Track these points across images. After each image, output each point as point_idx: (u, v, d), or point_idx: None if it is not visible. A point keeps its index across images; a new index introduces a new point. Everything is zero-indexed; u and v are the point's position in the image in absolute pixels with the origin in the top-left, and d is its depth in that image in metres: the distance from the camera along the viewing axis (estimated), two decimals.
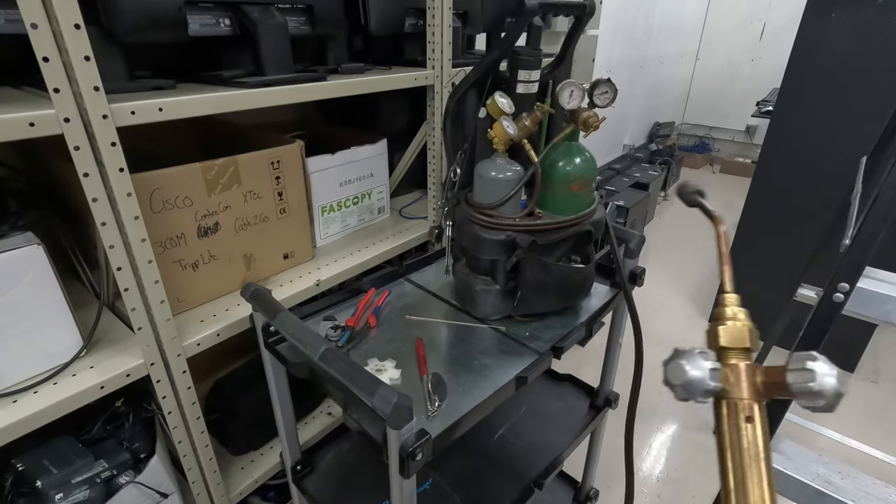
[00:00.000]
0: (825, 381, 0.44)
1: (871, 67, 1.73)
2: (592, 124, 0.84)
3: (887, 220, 0.61)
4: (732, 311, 0.53)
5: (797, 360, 0.47)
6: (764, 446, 0.46)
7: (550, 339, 0.94)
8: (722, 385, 0.48)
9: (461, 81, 0.92)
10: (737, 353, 0.51)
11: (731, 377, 0.49)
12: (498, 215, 0.91)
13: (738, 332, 0.52)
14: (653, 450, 1.79)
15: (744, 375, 0.48)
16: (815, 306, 0.67)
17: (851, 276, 0.63)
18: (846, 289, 0.64)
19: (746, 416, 0.47)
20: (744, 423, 0.47)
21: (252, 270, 1.02)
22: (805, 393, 0.45)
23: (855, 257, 0.63)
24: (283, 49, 0.86)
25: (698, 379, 0.48)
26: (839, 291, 0.64)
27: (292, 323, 0.73)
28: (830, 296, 0.64)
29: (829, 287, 0.64)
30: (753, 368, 0.49)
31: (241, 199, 0.95)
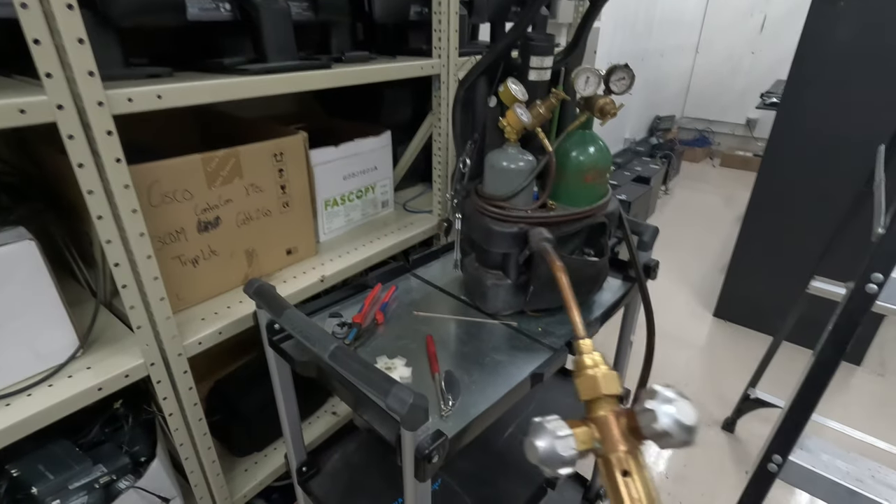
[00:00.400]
0: (665, 421, 0.42)
1: (880, 55, 1.70)
2: (609, 111, 0.81)
3: None
4: (592, 359, 0.51)
5: (642, 398, 0.45)
6: (648, 498, 0.43)
7: (564, 334, 0.91)
8: (590, 446, 0.46)
9: (472, 68, 0.88)
10: (603, 402, 0.48)
11: (599, 432, 0.46)
12: (510, 207, 0.87)
13: (596, 383, 0.49)
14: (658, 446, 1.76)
15: (612, 427, 0.46)
16: (845, 298, 0.64)
17: (886, 266, 0.60)
18: (880, 280, 0.61)
19: (623, 470, 0.44)
20: (621, 479, 0.44)
21: (254, 266, 0.98)
22: (655, 436, 0.43)
23: (890, 246, 0.60)
24: (286, 35, 0.83)
25: (550, 452, 0.45)
26: (872, 282, 0.61)
27: (300, 320, 0.70)
28: (863, 287, 0.62)
29: (861, 278, 0.62)
30: (618, 416, 0.47)
31: (243, 192, 0.91)
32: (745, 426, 1.82)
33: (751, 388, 1.67)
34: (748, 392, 1.68)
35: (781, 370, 1.84)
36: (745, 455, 1.73)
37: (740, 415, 1.75)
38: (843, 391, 2.03)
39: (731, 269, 2.35)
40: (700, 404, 1.95)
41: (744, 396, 1.70)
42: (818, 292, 1.32)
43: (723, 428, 1.82)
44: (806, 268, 1.38)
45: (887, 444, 1.48)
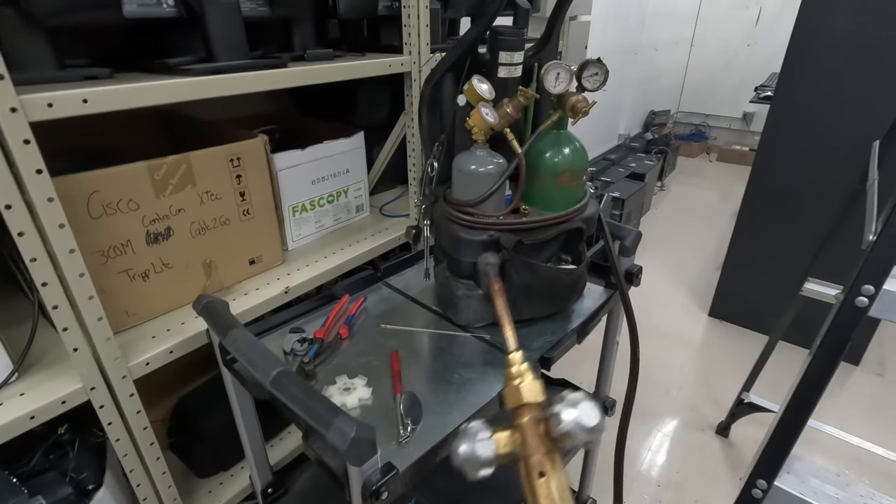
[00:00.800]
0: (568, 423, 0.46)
1: (875, 47, 1.65)
2: (581, 110, 0.75)
3: None
4: (518, 370, 0.55)
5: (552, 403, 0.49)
6: (561, 498, 0.47)
7: (540, 347, 0.85)
8: (510, 449, 0.49)
9: (437, 65, 0.83)
10: (526, 409, 0.52)
11: (520, 437, 0.50)
12: (479, 213, 0.82)
13: (520, 392, 0.52)
14: (653, 451, 1.72)
15: (531, 432, 0.49)
16: (835, 310, 0.59)
17: (877, 277, 0.55)
18: (871, 292, 0.56)
19: (539, 472, 0.48)
20: (537, 480, 0.48)
21: (214, 278, 0.93)
22: (562, 437, 0.47)
23: (881, 256, 0.55)
24: (236, 32, 0.77)
25: (469, 455, 0.49)
26: (863, 294, 0.56)
27: (245, 341, 0.65)
28: (853, 299, 0.56)
29: (850, 289, 0.57)
30: (537, 422, 0.50)
31: (197, 200, 0.86)
32: (739, 430, 1.77)
33: (745, 392, 1.62)
34: (742, 396, 1.62)
35: (778, 371, 1.79)
36: (739, 461, 1.68)
37: (734, 419, 1.71)
38: (841, 392, 1.98)
39: (726, 268, 2.30)
40: (694, 408, 1.90)
41: (738, 401, 1.65)
42: (812, 294, 1.26)
43: (717, 432, 1.77)
44: (801, 266, 1.33)
45: (885, 449, 1.43)
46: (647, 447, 1.73)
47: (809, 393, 0.61)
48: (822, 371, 0.60)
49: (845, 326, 0.57)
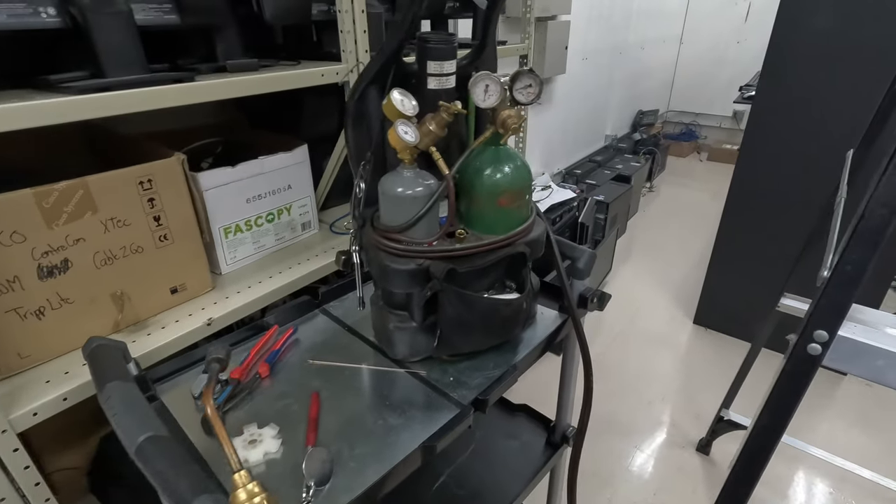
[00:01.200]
0: None
1: (858, 46, 1.57)
2: (511, 126, 0.68)
3: (877, 246, 0.45)
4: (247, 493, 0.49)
5: None
6: None
7: (478, 384, 0.78)
8: None
9: (358, 77, 0.75)
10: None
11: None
12: (407, 240, 0.74)
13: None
14: (630, 471, 1.64)
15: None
16: (784, 359, 0.51)
17: (831, 321, 0.48)
18: (824, 338, 0.48)
19: None
20: None
21: (128, 311, 0.85)
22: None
23: (835, 297, 0.47)
24: (128, 44, 0.69)
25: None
26: (815, 341, 0.49)
27: (119, 397, 0.57)
28: (804, 347, 0.49)
29: (802, 335, 0.49)
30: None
31: (100, 228, 0.78)
32: (721, 447, 1.70)
33: (724, 409, 1.55)
34: (721, 413, 1.55)
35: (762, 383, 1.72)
36: (719, 479, 1.59)
37: (715, 436, 1.63)
38: (828, 405, 1.90)
39: (710, 275, 2.22)
40: (675, 423, 1.82)
41: (717, 417, 1.57)
42: (788, 310, 1.19)
43: (697, 450, 1.70)
44: (783, 273, 1.25)
45: (872, 472, 1.35)
46: (623, 466, 1.66)
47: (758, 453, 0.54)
48: (773, 428, 0.52)
49: (797, 377, 0.50)
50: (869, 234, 0.45)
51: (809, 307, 0.49)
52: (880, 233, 0.44)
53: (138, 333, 0.85)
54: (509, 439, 1.14)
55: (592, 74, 3.43)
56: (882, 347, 0.46)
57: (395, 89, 0.69)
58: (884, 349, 0.46)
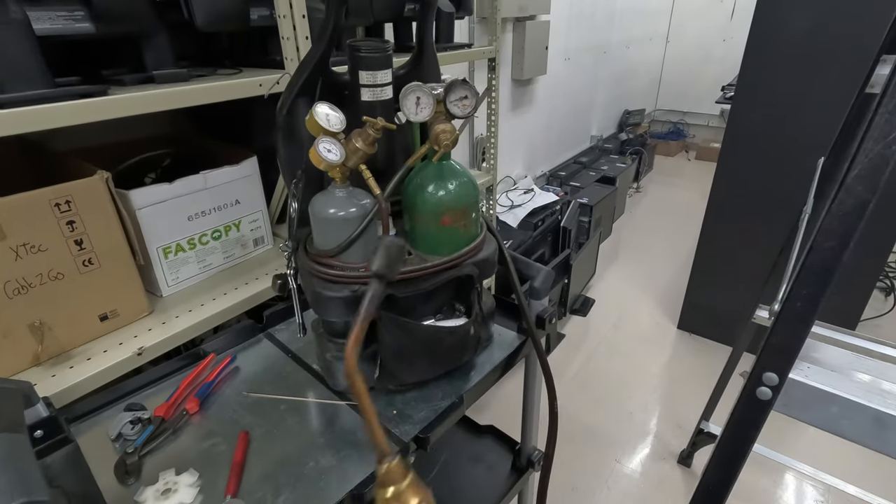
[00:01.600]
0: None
1: (833, 49, 1.53)
2: (443, 142, 0.62)
3: (828, 283, 0.40)
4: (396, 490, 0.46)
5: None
6: None
7: (423, 418, 0.72)
8: None
9: (285, 89, 0.70)
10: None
11: None
12: (342, 265, 0.69)
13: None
14: (608, 486, 1.59)
15: None
16: (733, 408, 0.46)
17: (781, 362, 0.43)
18: (774, 381, 0.43)
19: None
20: None
21: (49, 342, 0.79)
22: None
23: (785, 336, 0.42)
24: (26, 56, 0.63)
25: None
26: (765, 384, 0.43)
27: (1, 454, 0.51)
28: (753, 390, 0.44)
29: (751, 378, 0.44)
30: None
31: (10, 255, 0.72)
32: (702, 459, 1.65)
33: (704, 421, 1.50)
34: (701, 425, 1.50)
35: None
36: None
37: (696, 448, 1.59)
38: None
39: (693, 278, 2.18)
40: (656, 434, 1.78)
41: (697, 429, 1.53)
42: (764, 322, 1.14)
43: (679, 462, 1.65)
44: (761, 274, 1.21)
45: (858, 488, 1.31)
46: (602, 480, 1.61)
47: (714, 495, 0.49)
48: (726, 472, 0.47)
49: (747, 423, 0.45)
50: (818, 268, 0.39)
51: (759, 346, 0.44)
52: (830, 269, 0.39)
53: (60, 366, 0.79)
54: (475, 462, 1.09)
55: (576, 74, 3.38)
56: (836, 393, 0.41)
57: (321, 102, 0.64)
58: (838, 395, 0.41)
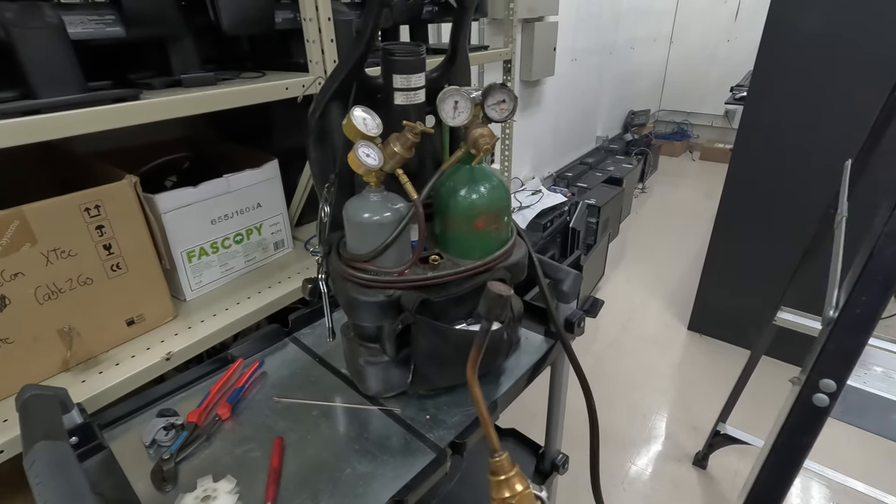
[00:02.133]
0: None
1: (848, 48, 1.53)
2: (483, 146, 0.62)
3: (890, 288, 0.39)
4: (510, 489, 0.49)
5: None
6: None
7: (457, 423, 0.72)
8: None
9: (319, 92, 0.69)
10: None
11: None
12: (375, 268, 0.68)
13: None
14: (624, 488, 1.59)
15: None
16: (787, 409, 0.46)
17: (839, 369, 0.42)
18: (832, 388, 0.43)
19: None
20: None
21: (78, 347, 0.79)
22: None
23: (844, 343, 0.42)
24: (61, 60, 0.63)
25: None
26: (822, 391, 0.43)
27: (44, 463, 0.51)
28: (809, 397, 0.44)
29: (806, 384, 0.44)
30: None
31: (41, 261, 0.72)
32: (718, 461, 1.65)
33: (721, 423, 1.50)
34: (718, 427, 1.50)
35: (760, 392, 1.67)
36: (717, 496, 1.55)
37: (712, 450, 1.58)
38: None
39: (704, 279, 2.18)
40: (670, 436, 1.77)
41: (714, 432, 1.52)
42: (786, 324, 1.14)
43: (694, 464, 1.65)
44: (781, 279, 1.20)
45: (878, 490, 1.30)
46: (618, 482, 1.60)
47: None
48: (775, 486, 0.47)
49: (802, 430, 0.45)
50: (880, 274, 0.39)
51: (813, 348, 0.44)
52: (892, 275, 0.38)
53: (89, 372, 0.78)
54: None
55: (582, 75, 3.38)
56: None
57: (357, 107, 0.64)
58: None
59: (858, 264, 0.42)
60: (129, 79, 0.81)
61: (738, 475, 1.60)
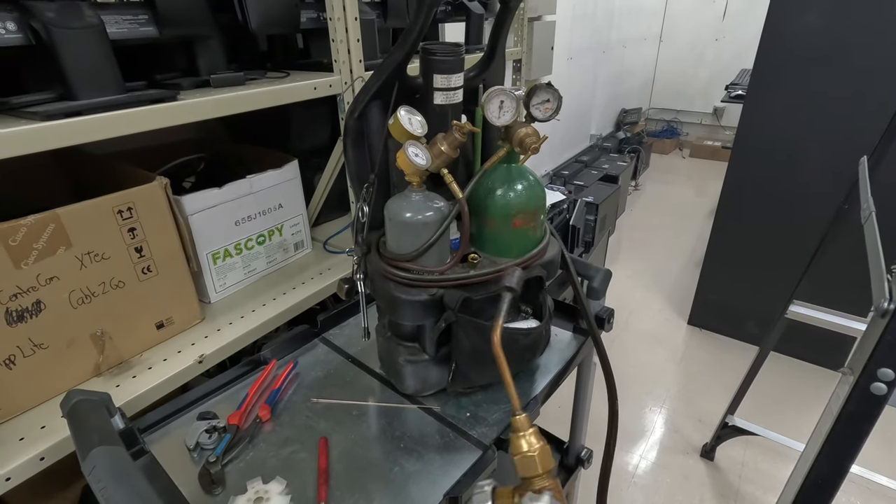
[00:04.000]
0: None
1: (847, 45, 1.57)
2: (531, 145, 0.62)
3: None
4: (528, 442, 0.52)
5: None
6: None
7: (497, 420, 0.73)
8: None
9: (359, 93, 0.69)
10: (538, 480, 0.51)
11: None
12: (418, 268, 0.69)
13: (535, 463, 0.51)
14: (634, 481, 1.61)
15: None
16: (843, 398, 0.47)
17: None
18: (890, 377, 0.44)
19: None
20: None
21: (109, 352, 0.78)
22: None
23: None
24: (101, 61, 0.62)
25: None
26: (880, 380, 0.45)
27: (106, 468, 0.50)
28: (867, 386, 0.45)
29: (864, 373, 0.45)
30: None
31: (76, 264, 0.71)
32: (725, 452, 1.68)
33: (729, 415, 1.53)
34: (727, 419, 1.53)
35: (766, 384, 1.71)
36: (726, 487, 1.59)
37: (720, 441, 1.61)
38: None
39: (704, 275, 2.21)
40: (677, 429, 1.80)
41: (722, 423, 1.56)
42: (798, 318, 1.17)
43: (702, 455, 1.68)
44: (782, 274, 1.24)
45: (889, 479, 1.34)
46: (628, 476, 1.63)
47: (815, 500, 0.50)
48: (832, 473, 0.48)
49: (860, 418, 0.46)
50: None
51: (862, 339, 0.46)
52: None
53: (123, 376, 0.77)
54: None
55: (577, 74, 3.41)
56: None
57: (402, 107, 0.64)
58: None
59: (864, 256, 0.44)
60: (157, 79, 0.80)
61: (745, 465, 1.64)
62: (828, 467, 0.48)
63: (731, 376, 1.95)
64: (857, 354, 0.49)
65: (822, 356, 2.00)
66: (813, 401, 1.89)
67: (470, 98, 0.76)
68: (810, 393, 1.91)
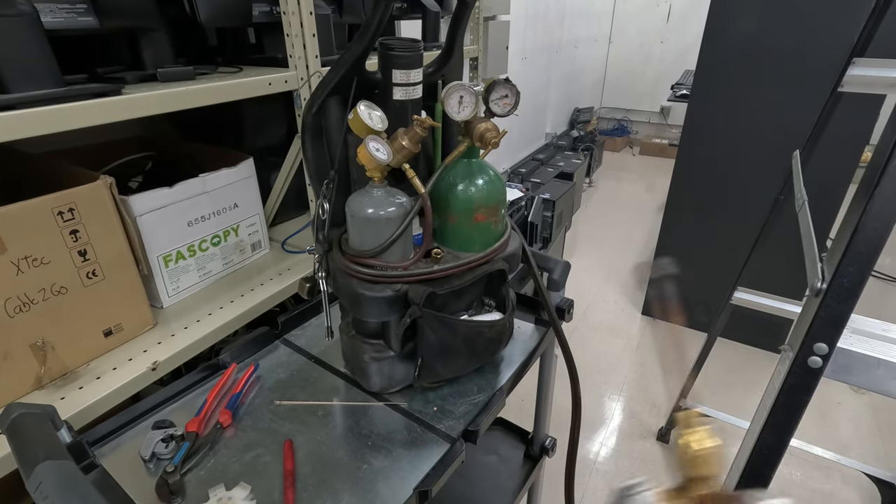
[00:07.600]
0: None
1: (780, 48, 1.68)
2: (491, 140, 0.63)
3: (872, 260, 0.45)
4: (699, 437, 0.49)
5: None
6: None
7: (464, 412, 0.73)
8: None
9: (316, 88, 0.68)
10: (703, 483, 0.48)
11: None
12: (382, 264, 0.68)
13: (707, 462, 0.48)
14: (595, 466, 1.67)
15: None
16: (784, 372, 0.51)
17: (830, 333, 0.48)
18: (824, 350, 0.48)
19: None
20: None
21: (52, 362, 0.73)
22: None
23: (834, 310, 0.47)
24: (35, 52, 0.58)
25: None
26: (816, 354, 0.49)
27: (53, 483, 0.47)
28: (805, 360, 0.49)
29: (801, 349, 0.49)
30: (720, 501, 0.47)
31: (11, 270, 0.66)
32: None
33: (682, 399, 1.61)
34: (680, 403, 1.61)
35: (716, 369, 1.80)
36: None
37: (674, 425, 1.69)
38: None
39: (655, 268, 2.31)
40: (633, 414, 1.88)
41: (675, 407, 1.63)
42: (742, 303, 1.24)
43: (658, 439, 1.76)
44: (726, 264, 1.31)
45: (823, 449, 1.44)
46: (589, 461, 1.68)
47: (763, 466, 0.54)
48: (778, 441, 0.52)
49: (799, 389, 0.50)
50: (864, 248, 0.45)
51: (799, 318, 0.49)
52: (875, 247, 0.44)
53: (68, 388, 0.73)
54: (487, 454, 1.11)
55: (532, 74, 3.47)
56: (881, 357, 0.47)
57: (362, 102, 0.63)
58: (883, 359, 0.47)
59: (842, 240, 0.48)
60: (99, 73, 0.76)
61: None
62: (772, 436, 0.52)
63: (683, 363, 2.04)
64: (795, 332, 0.53)
65: (764, 339, 2.14)
66: (757, 382, 2.01)
67: (429, 94, 0.76)
68: (754, 375, 2.04)
